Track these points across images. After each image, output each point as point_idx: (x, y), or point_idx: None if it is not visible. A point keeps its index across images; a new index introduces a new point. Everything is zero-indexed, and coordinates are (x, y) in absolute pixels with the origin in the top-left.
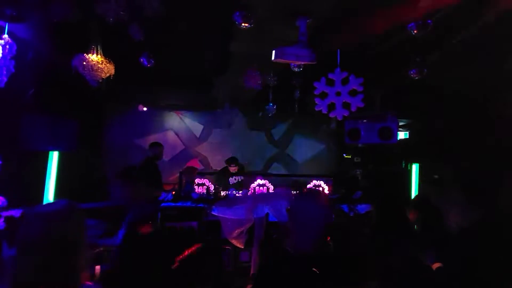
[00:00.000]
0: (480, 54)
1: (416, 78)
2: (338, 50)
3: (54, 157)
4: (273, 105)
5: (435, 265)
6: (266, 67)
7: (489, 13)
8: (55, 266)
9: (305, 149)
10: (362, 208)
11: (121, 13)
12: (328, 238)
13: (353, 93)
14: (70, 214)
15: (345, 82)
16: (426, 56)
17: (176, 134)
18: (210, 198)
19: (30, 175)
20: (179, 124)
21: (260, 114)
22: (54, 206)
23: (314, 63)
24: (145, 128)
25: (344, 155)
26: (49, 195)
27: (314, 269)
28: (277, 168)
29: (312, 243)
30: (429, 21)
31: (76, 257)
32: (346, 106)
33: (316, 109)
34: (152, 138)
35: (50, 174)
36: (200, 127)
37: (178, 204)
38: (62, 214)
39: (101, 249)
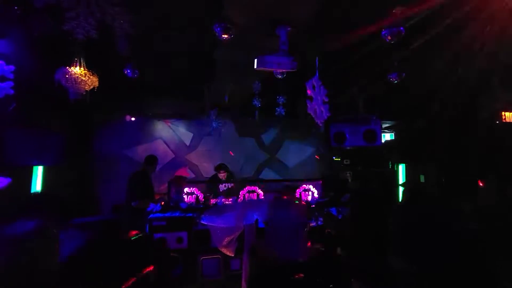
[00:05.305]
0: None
1: (396, 82)
2: (317, 57)
3: (39, 171)
4: (259, 112)
5: None
6: (253, 73)
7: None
8: None
9: (295, 154)
10: None
11: (91, 30)
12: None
13: (323, 102)
14: (38, 235)
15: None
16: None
17: (166, 143)
18: (199, 207)
19: (14, 190)
20: (168, 133)
21: (249, 118)
22: (22, 228)
23: (295, 70)
24: (134, 138)
25: (334, 158)
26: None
27: (302, 276)
28: (268, 174)
29: (295, 250)
30: (402, 28)
31: (48, 281)
32: (322, 113)
33: (308, 111)
34: (142, 148)
35: (35, 189)
36: (190, 135)
37: (166, 214)
38: (29, 236)
39: None
